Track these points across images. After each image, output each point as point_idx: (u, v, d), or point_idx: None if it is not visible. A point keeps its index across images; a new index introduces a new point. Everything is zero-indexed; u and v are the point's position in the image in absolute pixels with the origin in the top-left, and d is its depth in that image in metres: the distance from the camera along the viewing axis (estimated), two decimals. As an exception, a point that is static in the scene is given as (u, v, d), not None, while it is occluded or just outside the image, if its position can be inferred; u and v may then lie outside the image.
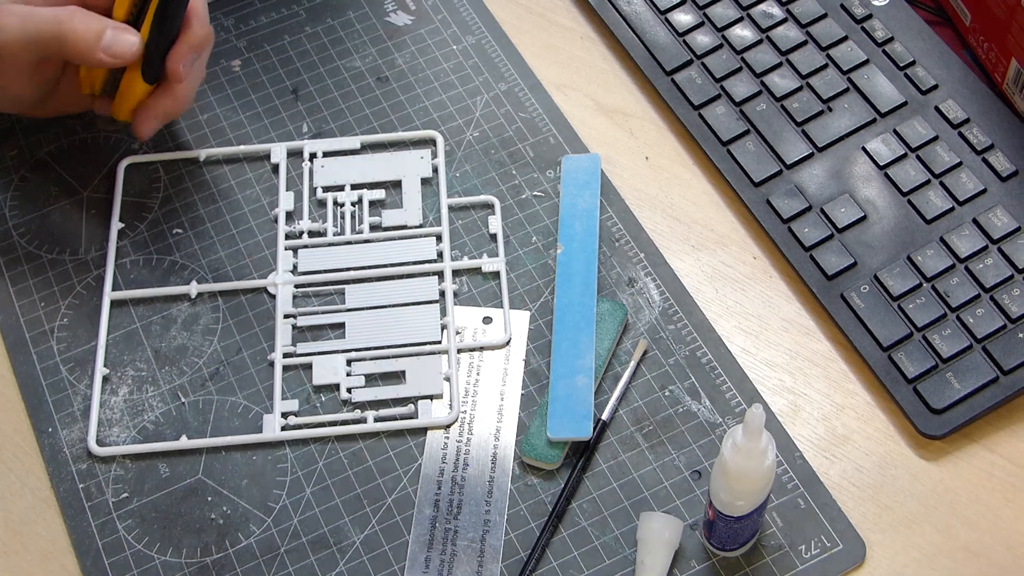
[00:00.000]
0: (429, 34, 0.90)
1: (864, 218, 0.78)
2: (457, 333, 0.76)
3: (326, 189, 0.82)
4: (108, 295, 0.78)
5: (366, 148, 0.84)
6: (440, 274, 0.79)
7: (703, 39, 0.86)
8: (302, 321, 0.77)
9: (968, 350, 0.73)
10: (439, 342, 0.76)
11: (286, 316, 0.77)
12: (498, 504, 0.70)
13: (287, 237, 0.81)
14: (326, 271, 0.79)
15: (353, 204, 0.81)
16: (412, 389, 0.75)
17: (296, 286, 0.79)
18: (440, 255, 0.79)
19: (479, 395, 0.74)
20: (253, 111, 0.86)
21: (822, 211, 0.79)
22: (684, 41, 0.86)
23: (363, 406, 0.74)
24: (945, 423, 0.71)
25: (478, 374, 0.75)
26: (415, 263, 0.79)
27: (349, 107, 0.86)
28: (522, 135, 0.84)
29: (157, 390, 0.75)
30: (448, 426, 0.73)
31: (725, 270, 0.79)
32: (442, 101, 0.86)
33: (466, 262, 0.79)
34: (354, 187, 0.82)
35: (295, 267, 0.79)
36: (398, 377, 0.75)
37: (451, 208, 0.81)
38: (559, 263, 0.78)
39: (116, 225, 0.81)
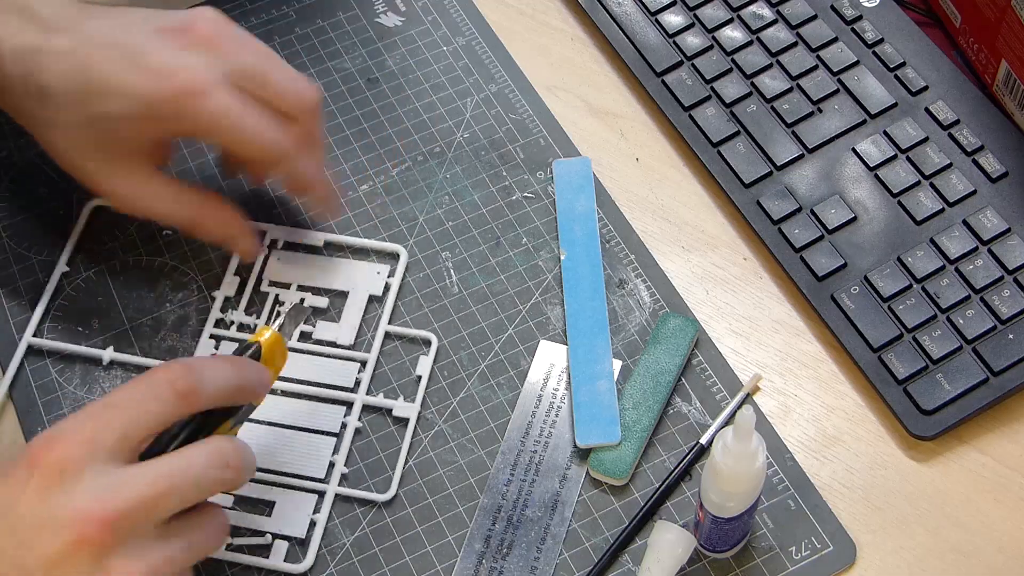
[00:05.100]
0: (419, 35, 0.90)
1: (854, 219, 0.78)
2: (344, 478, 0.72)
3: (272, 283, 0.78)
4: (27, 339, 0.77)
5: (328, 247, 0.80)
6: (350, 405, 0.74)
7: (693, 40, 0.86)
8: None
9: (958, 351, 0.73)
10: (322, 480, 0.71)
11: None
12: (549, 554, 0.69)
13: (216, 324, 0.77)
14: None
15: (293, 307, 0.78)
16: (274, 525, 0.70)
17: None
18: (357, 385, 0.75)
19: (553, 437, 0.73)
20: (243, 112, 0.86)
21: (812, 212, 0.79)
22: (674, 42, 0.86)
23: None
24: (935, 424, 0.71)
25: (556, 415, 0.73)
26: (328, 387, 0.74)
27: (339, 108, 0.86)
28: (512, 136, 0.84)
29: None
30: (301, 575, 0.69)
31: (715, 271, 0.79)
32: (432, 103, 0.86)
33: (380, 399, 0.74)
34: (300, 287, 0.78)
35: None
36: (264, 507, 0.71)
37: (388, 335, 0.77)
38: (564, 268, 0.78)
39: (61, 268, 0.79)
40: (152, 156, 0.73)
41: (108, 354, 0.76)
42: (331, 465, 0.72)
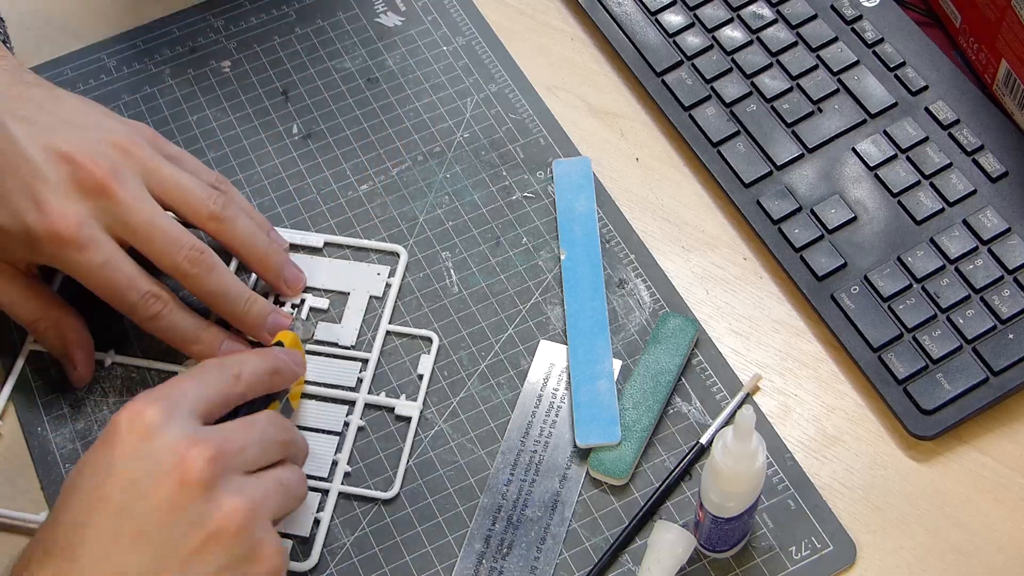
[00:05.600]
0: (419, 35, 0.90)
1: (854, 219, 0.78)
2: (347, 476, 0.72)
3: None
4: (29, 344, 0.77)
5: (328, 247, 0.80)
6: (352, 404, 0.74)
7: (693, 40, 0.86)
8: None
9: (958, 351, 0.73)
10: (326, 479, 0.72)
11: None
12: (549, 553, 0.69)
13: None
14: None
15: (294, 307, 0.77)
16: (279, 523, 0.66)
17: None
18: (359, 384, 0.75)
19: (553, 437, 0.73)
20: (243, 112, 0.86)
21: (812, 212, 0.79)
22: (674, 42, 0.86)
23: None
24: (935, 424, 0.71)
25: (556, 415, 0.73)
26: (330, 386, 0.75)
27: (339, 108, 0.86)
28: (512, 136, 0.84)
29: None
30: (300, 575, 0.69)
31: (715, 271, 0.79)
32: (432, 102, 0.86)
33: (382, 398, 0.74)
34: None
35: None
36: None
37: (389, 334, 0.77)
38: (564, 268, 0.78)
39: None
40: (19, 262, 0.72)
41: (110, 357, 0.76)
42: (334, 464, 0.72)
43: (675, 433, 0.73)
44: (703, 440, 0.71)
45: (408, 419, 0.74)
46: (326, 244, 0.80)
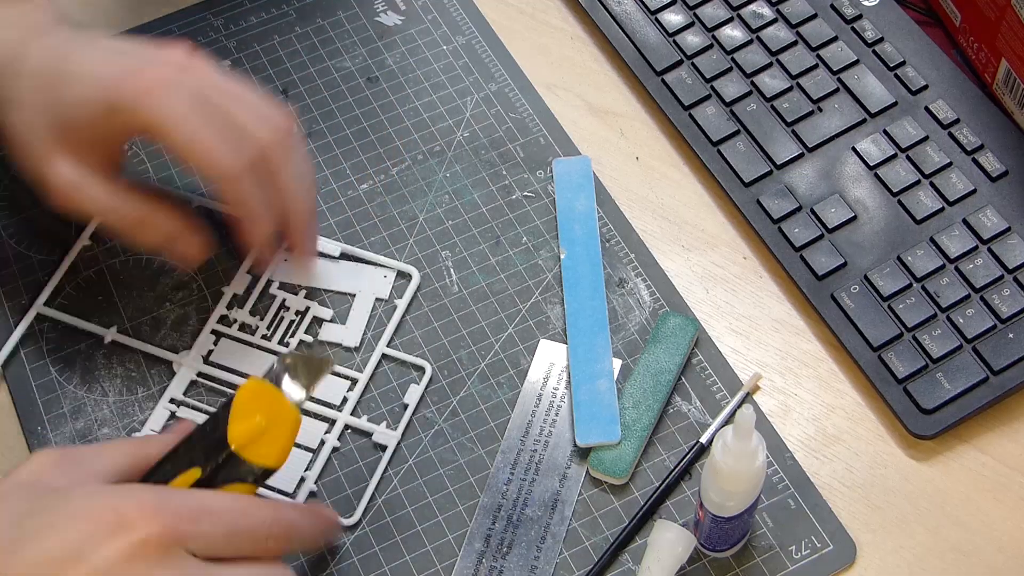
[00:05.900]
0: (419, 34, 0.90)
1: (854, 218, 0.78)
2: (312, 495, 0.71)
3: (282, 286, 0.78)
4: (37, 307, 0.78)
5: (344, 258, 0.79)
6: (332, 423, 0.73)
7: (693, 39, 0.86)
8: (182, 411, 0.74)
9: (958, 350, 0.73)
10: (290, 494, 0.71)
11: (171, 400, 0.74)
12: (548, 553, 0.69)
13: (219, 320, 0.77)
14: (234, 371, 0.75)
15: (297, 314, 0.77)
16: None
17: (199, 374, 0.75)
18: (343, 404, 0.74)
19: (553, 436, 0.73)
20: (243, 111, 0.86)
21: (812, 211, 0.79)
22: (674, 41, 0.86)
23: None
24: (935, 423, 0.71)
25: (556, 414, 0.73)
26: (315, 401, 0.74)
27: (339, 107, 0.86)
28: (512, 135, 0.84)
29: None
30: None
31: (715, 270, 0.79)
32: (432, 101, 0.86)
33: (363, 422, 0.73)
34: (307, 295, 0.78)
35: (208, 354, 0.76)
36: None
37: (385, 357, 0.76)
38: (564, 267, 0.78)
39: (63, 267, 0.79)
40: (104, 157, 0.71)
41: (110, 334, 0.76)
42: (302, 480, 0.71)
43: (675, 432, 0.73)
44: (703, 439, 0.71)
45: (384, 447, 0.72)
46: (342, 255, 0.80)
